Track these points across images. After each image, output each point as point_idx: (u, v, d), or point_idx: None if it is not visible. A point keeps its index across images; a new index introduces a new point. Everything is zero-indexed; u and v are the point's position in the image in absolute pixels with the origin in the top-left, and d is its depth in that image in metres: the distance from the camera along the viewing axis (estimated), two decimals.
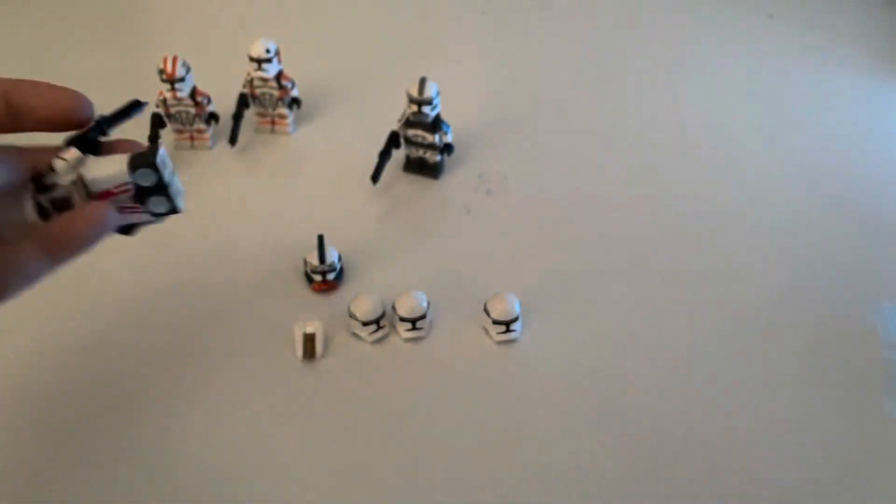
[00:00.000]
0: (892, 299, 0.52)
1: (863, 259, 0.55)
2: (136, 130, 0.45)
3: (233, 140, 0.60)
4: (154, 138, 0.59)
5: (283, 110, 0.62)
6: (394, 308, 0.48)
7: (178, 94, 0.57)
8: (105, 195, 0.32)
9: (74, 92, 0.30)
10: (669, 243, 0.56)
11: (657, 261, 0.55)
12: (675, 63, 0.71)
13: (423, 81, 0.55)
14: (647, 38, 0.74)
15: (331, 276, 0.51)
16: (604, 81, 0.69)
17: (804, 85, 0.69)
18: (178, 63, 0.56)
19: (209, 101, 0.60)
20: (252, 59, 0.59)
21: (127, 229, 0.34)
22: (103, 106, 0.33)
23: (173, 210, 0.34)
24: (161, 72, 0.56)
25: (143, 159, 0.31)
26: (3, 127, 0.29)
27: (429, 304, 0.49)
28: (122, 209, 0.33)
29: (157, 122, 0.59)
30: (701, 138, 0.64)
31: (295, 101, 0.62)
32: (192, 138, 0.61)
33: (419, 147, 0.58)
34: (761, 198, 0.59)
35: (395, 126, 0.57)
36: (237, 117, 0.60)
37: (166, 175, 0.32)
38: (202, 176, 0.59)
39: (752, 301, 0.52)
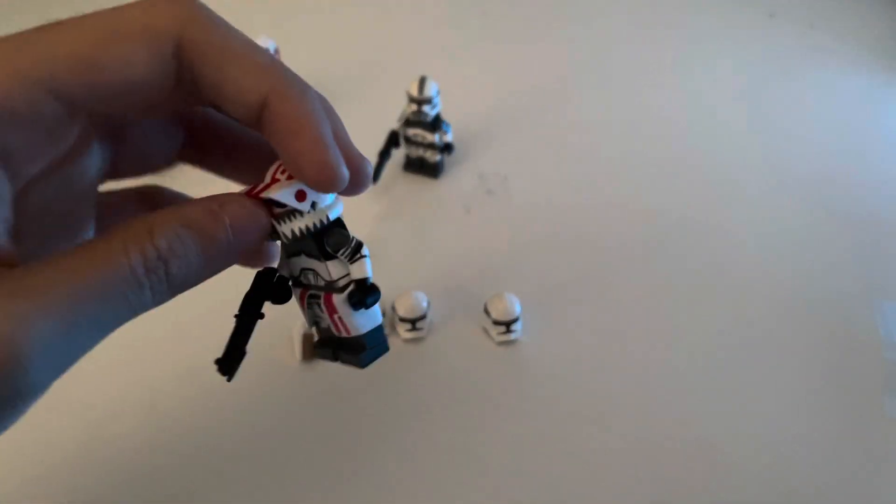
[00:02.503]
0: (892, 299, 0.52)
1: (863, 259, 0.55)
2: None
3: None
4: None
5: None
6: (394, 308, 0.48)
7: None
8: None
9: (333, 161, 0.22)
10: (670, 243, 0.55)
11: (657, 260, 0.54)
12: (676, 62, 0.71)
13: (422, 80, 0.55)
14: (647, 37, 0.74)
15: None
16: (603, 81, 0.69)
17: (805, 84, 0.69)
18: None
19: None
20: None
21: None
22: None
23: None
24: None
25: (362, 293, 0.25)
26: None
27: (429, 304, 0.48)
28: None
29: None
30: (701, 138, 0.64)
31: None
32: None
33: (419, 146, 0.58)
34: (761, 197, 0.59)
35: (395, 125, 0.57)
36: None
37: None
38: (200, 178, 0.59)
39: (753, 300, 0.52)
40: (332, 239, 0.24)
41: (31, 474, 0.43)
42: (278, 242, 0.25)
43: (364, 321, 0.24)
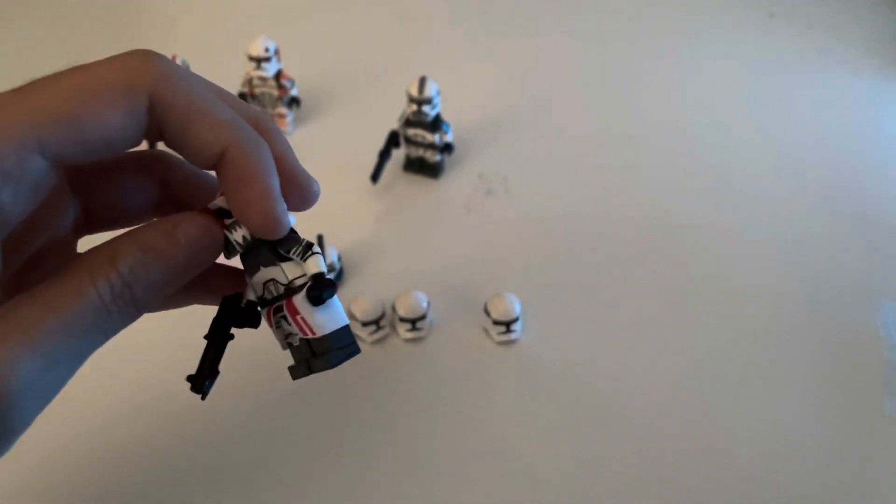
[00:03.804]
0: (892, 299, 0.52)
1: (864, 259, 0.55)
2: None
3: None
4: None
5: (283, 109, 0.61)
6: (393, 308, 0.48)
7: None
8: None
9: (275, 211, 0.24)
10: (669, 242, 0.55)
11: (657, 260, 0.54)
12: (676, 62, 0.71)
13: (422, 80, 0.55)
14: (647, 36, 0.74)
15: (330, 277, 0.51)
16: (604, 81, 0.69)
17: (805, 84, 0.69)
18: (178, 62, 0.56)
19: None
20: (251, 58, 0.59)
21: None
22: None
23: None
24: None
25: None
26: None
27: (429, 304, 0.48)
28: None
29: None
30: (701, 138, 0.64)
31: (294, 101, 0.62)
32: None
33: (419, 146, 0.58)
34: (761, 197, 0.59)
35: (395, 125, 0.57)
36: None
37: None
38: None
39: (753, 301, 0.52)
40: (283, 243, 0.25)
41: (31, 477, 0.43)
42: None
43: (326, 320, 0.25)
